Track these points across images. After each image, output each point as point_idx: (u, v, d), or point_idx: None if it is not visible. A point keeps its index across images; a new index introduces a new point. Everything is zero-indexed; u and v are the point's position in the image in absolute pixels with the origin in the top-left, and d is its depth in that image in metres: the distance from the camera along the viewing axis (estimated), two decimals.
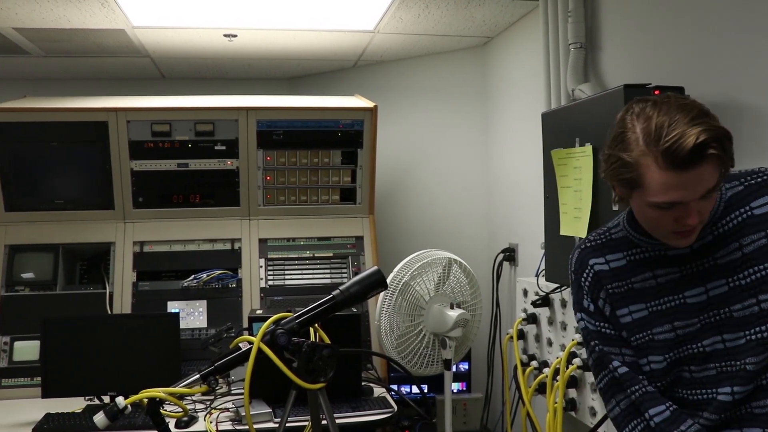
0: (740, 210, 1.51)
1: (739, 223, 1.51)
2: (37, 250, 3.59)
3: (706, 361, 1.53)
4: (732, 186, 1.53)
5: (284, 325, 1.98)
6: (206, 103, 3.76)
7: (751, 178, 1.53)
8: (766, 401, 1.48)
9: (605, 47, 2.82)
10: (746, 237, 1.50)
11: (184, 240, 3.71)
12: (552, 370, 2.68)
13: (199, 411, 3.01)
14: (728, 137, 1.38)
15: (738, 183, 1.53)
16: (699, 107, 1.39)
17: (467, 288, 3.07)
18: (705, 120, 1.36)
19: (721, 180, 1.41)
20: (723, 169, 1.40)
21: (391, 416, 2.98)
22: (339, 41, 4.00)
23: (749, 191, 1.51)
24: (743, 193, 1.52)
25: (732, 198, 1.52)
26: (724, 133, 1.37)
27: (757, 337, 1.48)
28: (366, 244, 3.79)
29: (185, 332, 3.44)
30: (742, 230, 1.50)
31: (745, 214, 1.50)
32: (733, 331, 1.50)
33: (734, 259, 1.50)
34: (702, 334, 1.53)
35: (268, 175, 3.75)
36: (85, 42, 3.84)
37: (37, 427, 2.83)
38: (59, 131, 3.60)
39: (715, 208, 1.51)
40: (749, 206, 1.50)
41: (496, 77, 4.13)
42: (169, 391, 1.89)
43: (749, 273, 1.49)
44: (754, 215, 1.50)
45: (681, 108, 1.38)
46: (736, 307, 1.50)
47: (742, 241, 1.50)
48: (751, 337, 1.48)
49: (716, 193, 1.46)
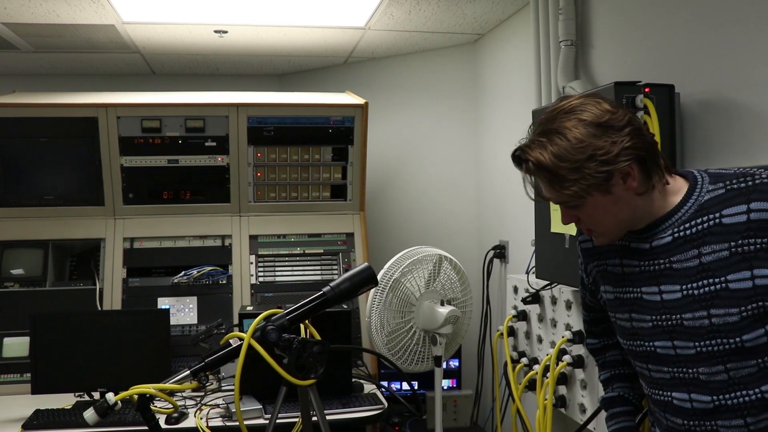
0: (710, 216, 1.43)
1: (704, 230, 1.43)
2: (27, 246, 3.58)
3: (660, 363, 1.55)
4: (715, 188, 1.45)
5: (275, 321, 1.98)
6: (197, 99, 3.75)
7: (737, 181, 1.42)
8: (734, 421, 1.46)
9: (596, 45, 2.83)
10: (707, 246, 1.42)
11: (174, 236, 3.70)
12: (542, 367, 2.69)
13: (189, 407, 3.01)
14: (549, 166, 1.41)
15: (722, 185, 1.44)
16: (551, 125, 1.43)
17: (458, 285, 3.07)
18: (537, 139, 1.44)
19: (573, 199, 1.45)
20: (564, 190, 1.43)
21: (382, 413, 2.99)
22: (330, 38, 4.00)
23: (728, 197, 1.42)
24: (721, 198, 1.43)
25: (708, 201, 1.44)
26: (541, 158, 1.42)
27: (708, 350, 1.45)
28: (356, 241, 3.79)
29: (175, 328, 3.43)
30: (705, 238, 1.43)
31: (713, 221, 1.42)
32: (683, 339, 1.48)
33: (690, 266, 1.45)
34: (653, 334, 1.53)
35: (258, 172, 3.75)
36: (74, 37, 3.82)
37: (26, 423, 2.82)
38: (49, 127, 3.58)
39: (685, 209, 1.47)
40: (720, 213, 1.41)
41: (487, 74, 4.13)
42: (160, 387, 1.89)
43: (704, 284, 1.43)
44: (722, 224, 1.41)
45: (546, 120, 1.45)
46: (687, 317, 1.47)
47: (702, 249, 1.43)
48: (701, 349, 1.46)
49: (589, 214, 1.48)
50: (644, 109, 2.09)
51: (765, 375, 1.42)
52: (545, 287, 2.81)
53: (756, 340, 1.40)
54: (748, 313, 1.39)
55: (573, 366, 2.56)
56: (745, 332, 1.40)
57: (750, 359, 1.42)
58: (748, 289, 1.38)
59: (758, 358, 1.41)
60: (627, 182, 1.43)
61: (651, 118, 2.08)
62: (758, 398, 1.43)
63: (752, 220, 1.37)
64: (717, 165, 2.08)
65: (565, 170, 1.41)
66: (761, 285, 1.37)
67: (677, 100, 2.17)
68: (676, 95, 2.16)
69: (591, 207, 1.47)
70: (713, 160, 2.11)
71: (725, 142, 2.07)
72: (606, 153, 1.39)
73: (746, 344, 1.41)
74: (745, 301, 1.39)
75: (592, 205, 1.47)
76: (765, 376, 1.42)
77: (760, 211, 1.37)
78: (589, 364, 2.51)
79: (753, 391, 1.43)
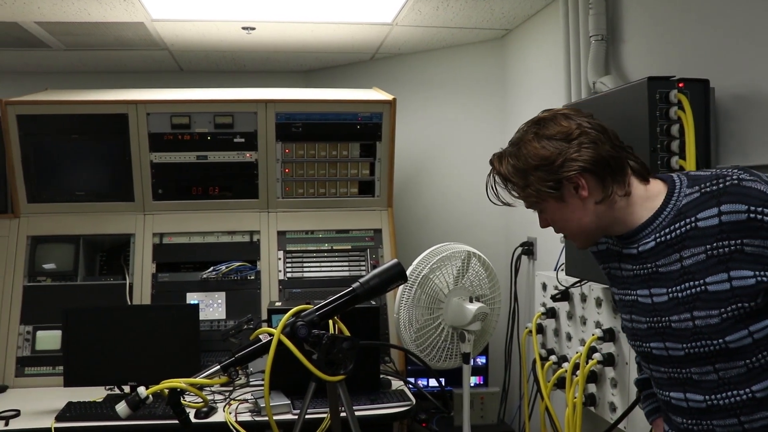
0: (687, 220, 1.46)
1: (682, 234, 1.46)
2: (59, 241, 3.64)
3: (657, 363, 1.59)
4: (692, 192, 1.48)
5: (304, 317, 1.98)
6: (225, 96, 3.78)
7: (710, 184, 1.45)
8: (728, 420, 1.48)
9: (627, 39, 2.79)
10: (687, 249, 1.46)
11: (203, 232, 3.73)
12: (572, 364, 2.66)
13: (217, 402, 3.03)
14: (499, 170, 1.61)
15: (697, 189, 1.47)
16: (521, 138, 1.57)
17: (486, 281, 3.06)
18: (508, 149, 1.60)
19: (531, 204, 1.61)
20: (523, 197, 1.59)
21: (410, 409, 2.99)
22: (357, 34, 4.00)
23: (702, 200, 1.45)
24: (697, 202, 1.45)
25: (686, 206, 1.47)
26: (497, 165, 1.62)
27: (696, 352, 1.48)
28: (384, 237, 3.79)
29: (204, 323, 3.46)
30: (684, 242, 1.46)
31: (690, 225, 1.45)
32: (672, 341, 1.52)
33: (674, 270, 1.49)
34: (648, 336, 1.58)
35: (286, 168, 3.76)
36: (104, 35, 3.86)
37: (59, 415, 2.87)
38: (80, 124, 3.63)
39: (665, 214, 1.50)
40: (695, 217, 1.44)
41: (515, 70, 4.10)
42: (190, 382, 1.90)
43: (686, 287, 1.47)
44: (698, 228, 1.44)
45: (523, 129, 1.59)
46: (674, 319, 1.50)
47: (683, 253, 1.47)
48: (689, 351, 1.49)
49: (552, 219, 1.61)
50: (678, 105, 2.06)
51: (755, 375, 1.44)
52: (575, 284, 2.78)
53: (740, 341, 1.42)
54: (728, 315, 1.41)
55: (603, 364, 2.53)
56: (728, 333, 1.42)
57: (737, 360, 1.44)
58: (726, 291, 1.41)
59: (746, 358, 1.43)
60: (578, 192, 1.52)
61: (685, 114, 2.05)
62: (749, 398, 1.45)
63: (723, 223, 1.40)
64: (753, 161, 2.04)
65: (516, 178, 1.57)
66: (739, 286, 1.40)
67: (712, 95, 2.13)
68: (711, 90, 2.12)
69: (551, 213, 1.59)
70: (749, 156, 2.08)
71: (762, 137, 2.04)
72: (550, 163, 1.51)
73: (730, 345, 1.43)
74: (725, 303, 1.41)
75: (552, 211, 1.59)
76: (755, 376, 1.44)
77: (729, 213, 1.39)
78: (620, 362, 2.48)
79: (743, 390, 1.45)
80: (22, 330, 3.45)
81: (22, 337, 3.44)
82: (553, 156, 1.51)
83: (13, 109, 3.52)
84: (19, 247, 3.58)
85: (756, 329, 1.41)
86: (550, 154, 1.51)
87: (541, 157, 1.52)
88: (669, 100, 2.08)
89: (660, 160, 2.10)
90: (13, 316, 3.47)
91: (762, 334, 1.42)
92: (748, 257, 1.38)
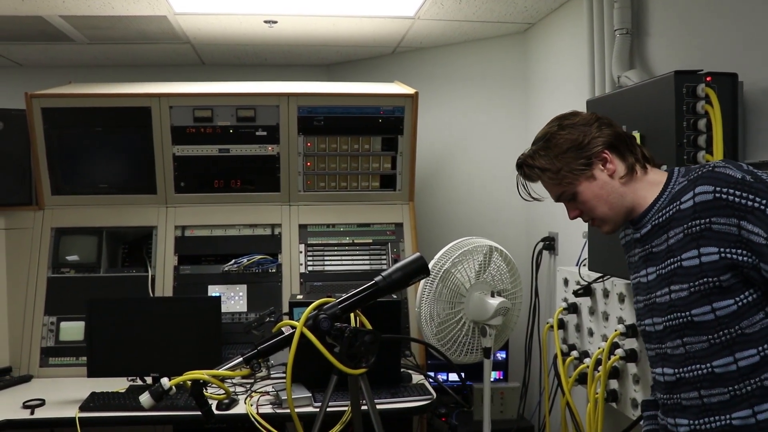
0: (674, 204, 1.60)
1: (669, 217, 1.61)
2: (82, 233, 3.67)
3: (649, 341, 1.73)
4: (683, 179, 1.62)
5: (327, 310, 1.99)
6: (248, 89, 3.78)
7: (694, 172, 1.60)
8: (690, 393, 1.60)
9: (652, 33, 2.76)
10: (672, 230, 1.60)
11: (224, 225, 3.75)
12: (593, 360, 2.65)
13: (239, 394, 3.05)
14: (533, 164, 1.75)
15: (685, 179, 1.62)
16: (548, 131, 1.76)
17: (507, 276, 3.05)
18: (535, 146, 1.77)
19: (567, 188, 1.73)
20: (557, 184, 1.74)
21: (430, 403, 2.99)
22: (379, 28, 3.99)
23: (686, 186, 1.59)
24: (683, 187, 1.60)
25: (677, 192, 1.62)
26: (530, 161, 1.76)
27: (670, 325, 1.62)
28: (405, 231, 3.79)
29: (225, 316, 3.48)
30: (670, 223, 1.61)
31: (675, 208, 1.60)
32: (656, 316, 1.66)
33: (662, 249, 1.63)
34: (644, 314, 1.72)
35: (308, 161, 3.76)
36: (128, 29, 3.89)
37: (83, 405, 2.90)
38: (103, 117, 3.66)
39: (662, 201, 1.65)
40: (680, 200, 1.59)
41: (538, 64, 4.07)
42: (213, 374, 1.91)
43: (667, 264, 1.61)
44: (681, 210, 1.58)
45: (546, 127, 1.78)
46: (658, 294, 1.64)
47: (669, 233, 1.61)
48: (666, 324, 1.63)
49: (584, 201, 1.73)
50: (706, 99, 2.04)
51: (715, 351, 1.55)
52: (597, 280, 2.76)
53: (703, 315, 1.55)
54: (695, 289, 1.55)
55: (625, 360, 2.51)
56: (694, 306, 1.55)
57: (701, 335, 1.56)
58: (696, 266, 1.54)
59: (708, 334, 1.55)
60: (606, 166, 1.69)
61: (713, 108, 2.03)
62: (709, 372, 1.56)
63: (696, 203, 1.54)
64: None
65: (551, 165, 1.72)
66: (706, 262, 1.52)
67: (740, 89, 2.11)
68: (739, 84, 2.10)
69: (583, 194, 1.72)
70: None
71: None
72: (578, 144, 1.70)
73: (695, 318, 1.56)
74: (694, 277, 1.55)
75: (584, 192, 1.72)
76: (715, 352, 1.55)
77: (701, 194, 1.53)
78: (642, 358, 2.46)
79: (705, 365, 1.57)
80: (47, 321, 3.49)
81: (47, 328, 3.48)
82: (579, 138, 1.70)
83: (38, 102, 3.56)
84: (44, 239, 3.62)
85: (719, 306, 1.53)
86: (577, 137, 1.70)
87: (570, 140, 1.71)
88: (696, 95, 2.05)
89: (686, 155, 2.08)
90: (38, 307, 3.51)
91: (724, 312, 1.53)
92: (715, 234, 1.51)
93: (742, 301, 1.52)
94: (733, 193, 1.49)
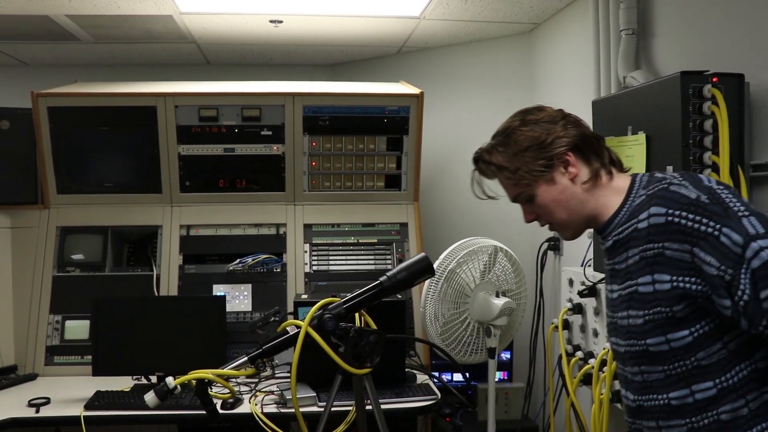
0: (632, 221, 1.49)
1: (628, 235, 1.50)
2: (87, 232, 3.68)
3: (616, 359, 1.62)
4: (643, 193, 1.51)
5: (332, 310, 1.99)
6: (253, 89, 3.78)
7: (652, 187, 1.49)
8: (650, 423, 1.52)
9: (658, 33, 2.76)
10: (630, 250, 1.49)
11: (229, 224, 3.75)
12: (598, 361, 2.64)
13: (243, 393, 3.05)
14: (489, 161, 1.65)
15: (644, 192, 1.50)
16: (509, 126, 1.64)
17: (512, 276, 3.04)
18: (495, 141, 1.66)
19: (523, 189, 1.62)
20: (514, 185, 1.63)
21: (435, 403, 2.99)
22: (384, 27, 3.99)
23: (643, 203, 1.48)
24: (641, 204, 1.49)
25: (636, 207, 1.50)
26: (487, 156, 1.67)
27: (629, 351, 1.52)
28: (410, 231, 3.78)
29: (230, 315, 3.48)
30: (629, 242, 1.49)
31: (633, 226, 1.48)
32: (619, 337, 1.56)
33: (622, 268, 1.52)
34: (610, 330, 1.62)
35: (313, 161, 3.77)
36: (133, 28, 3.89)
37: (89, 403, 2.91)
38: (109, 116, 3.66)
39: (622, 213, 1.53)
40: (637, 219, 1.47)
41: (543, 64, 4.07)
42: (218, 373, 1.92)
43: (627, 286, 1.50)
44: (638, 229, 1.47)
45: (507, 121, 1.67)
46: (619, 315, 1.54)
47: (628, 252, 1.50)
48: (626, 349, 1.53)
49: (541, 205, 1.62)
50: (712, 100, 2.03)
51: (672, 382, 1.45)
52: (602, 280, 2.75)
53: (658, 346, 1.45)
54: (649, 317, 1.45)
55: None
56: (648, 336, 1.46)
57: (657, 365, 1.47)
58: (650, 293, 1.44)
59: (663, 364, 1.46)
60: (568, 170, 1.57)
61: (719, 109, 2.02)
62: (666, 404, 1.47)
63: (651, 225, 1.43)
64: None
65: (509, 163, 1.61)
66: (660, 290, 1.42)
67: (747, 90, 2.10)
68: (745, 85, 2.09)
69: (541, 197, 1.61)
70: None
71: None
72: (540, 143, 1.57)
73: (650, 348, 1.46)
74: (648, 305, 1.44)
75: (542, 195, 1.60)
76: (671, 383, 1.45)
77: (655, 216, 1.42)
78: None
79: (662, 396, 1.47)
80: (52, 319, 3.50)
81: (52, 327, 3.49)
82: (542, 136, 1.57)
83: (44, 102, 3.56)
84: (49, 238, 3.63)
85: (673, 338, 1.43)
86: (539, 134, 1.58)
87: (531, 138, 1.58)
88: (702, 95, 2.05)
89: (692, 155, 2.07)
90: (43, 305, 3.52)
91: (678, 344, 1.43)
92: (668, 261, 1.40)
93: (697, 332, 1.41)
94: (685, 216, 1.37)
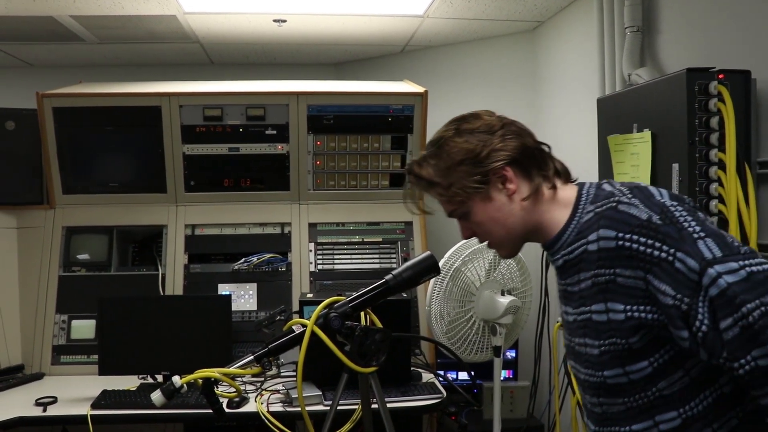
0: (582, 241, 1.37)
1: (578, 256, 1.39)
2: (93, 232, 3.68)
3: (578, 385, 1.51)
4: (591, 209, 1.39)
5: (337, 308, 1.98)
6: (257, 88, 3.79)
7: (600, 204, 1.37)
8: None
9: (663, 30, 2.75)
10: (582, 272, 1.38)
11: (234, 223, 3.75)
12: None
13: (249, 392, 3.05)
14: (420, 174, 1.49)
15: (593, 208, 1.38)
16: (442, 136, 1.48)
17: (518, 274, 3.04)
18: (427, 152, 1.50)
19: (456, 206, 1.48)
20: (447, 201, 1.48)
21: (440, 402, 2.99)
22: (388, 26, 3.98)
23: (593, 221, 1.36)
24: (590, 222, 1.37)
25: (584, 225, 1.38)
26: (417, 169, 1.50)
27: (587, 380, 1.42)
28: (415, 230, 3.78)
29: (235, 314, 3.48)
30: (580, 264, 1.38)
31: (582, 247, 1.37)
32: (578, 362, 1.45)
33: (575, 291, 1.41)
34: (568, 353, 1.50)
35: (318, 160, 3.77)
36: (137, 28, 3.90)
37: (95, 402, 2.91)
38: (114, 116, 3.67)
39: (570, 231, 1.41)
40: (587, 239, 1.36)
41: (547, 62, 4.06)
42: (224, 372, 1.91)
43: (581, 311, 1.39)
44: (587, 251, 1.35)
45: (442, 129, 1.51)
46: (576, 341, 1.43)
47: (580, 275, 1.39)
48: (585, 378, 1.43)
49: (477, 223, 1.49)
50: (718, 96, 2.03)
51: (634, 415, 1.35)
52: None
53: (616, 378, 1.35)
54: (605, 348, 1.34)
55: None
56: (605, 368, 1.35)
57: (616, 397, 1.37)
58: (605, 322, 1.33)
59: (624, 397, 1.36)
60: (506, 186, 1.44)
61: (726, 106, 2.02)
62: None
63: (601, 249, 1.32)
64: None
65: (440, 178, 1.46)
66: (614, 320, 1.31)
67: (753, 87, 2.09)
68: (752, 81, 2.09)
69: (476, 214, 1.48)
70: None
71: None
72: (475, 156, 1.43)
73: (608, 381, 1.36)
74: (604, 335, 1.34)
75: (477, 212, 1.47)
76: (634, 416, 1.35)
77: (603, 239, 1.32)
78: None
79: (624, 428, 1.37)
80: (58, 319, 3.51)
81: (58, 326, 3.50)
82: (477, 148, 1.43)
83: (48, 102, 3.57)
84: (55, 238, 3.64)
85: (631, 370, 1.32)
86: (474, 146, 1.44)
87: (465, 150, 1.44)
88: (708, 92, 2.04)
89: (699, 153, 2.07)
90: (49, 305, 3.53)
91: (638, 376, 1.32)
92: (621, 289, 1.29)
93: (657, 362, 1.31)
94: (637, 240, 1.26)
